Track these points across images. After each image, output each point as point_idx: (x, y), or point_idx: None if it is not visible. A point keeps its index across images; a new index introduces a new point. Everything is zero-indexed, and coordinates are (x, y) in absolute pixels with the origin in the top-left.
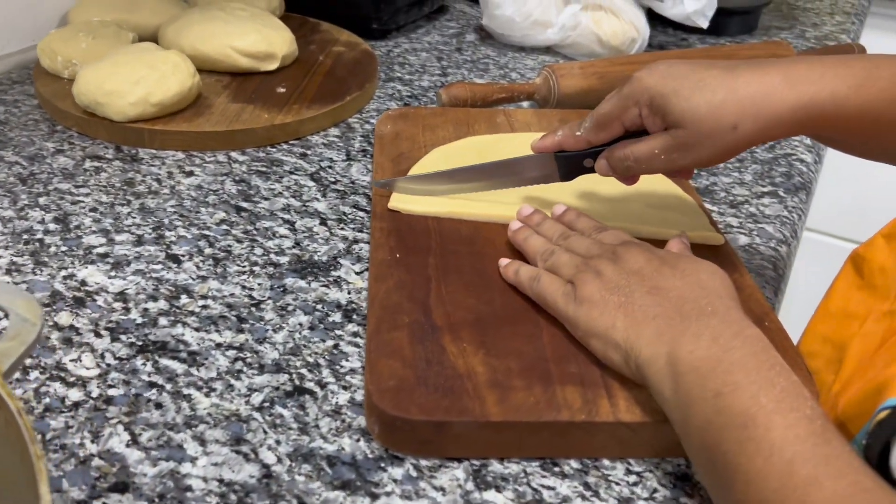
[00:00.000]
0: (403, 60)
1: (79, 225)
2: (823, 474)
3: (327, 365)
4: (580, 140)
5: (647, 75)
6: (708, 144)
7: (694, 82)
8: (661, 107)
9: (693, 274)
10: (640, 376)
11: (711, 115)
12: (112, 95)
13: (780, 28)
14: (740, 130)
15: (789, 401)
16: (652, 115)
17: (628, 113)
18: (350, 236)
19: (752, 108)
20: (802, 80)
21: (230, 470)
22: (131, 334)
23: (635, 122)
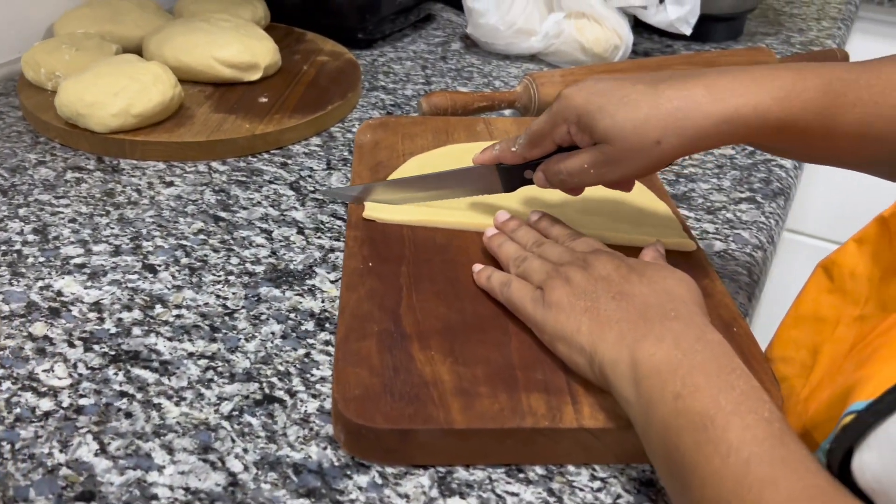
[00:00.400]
0: (388, 69)
1: (57, 236)
2: (780, 475)
3: (298, 373)
4: (516, 156)
5: (574, 93)
6: (634, 159)
7: (618, 99)
8: (587, 124)
9: (660, 281)
10: (603, 380)
11: (635, 132)
12: (93, 107)
13: (765, 34)
14: (664, 145)
15: (748, 403)
16: (580, 132)
17: (558, 130)
18: (327, 245)
19: (674, 124)
20: (726, 93)
21: (196, 478)
22: (104, 344)
23: (565, 138)
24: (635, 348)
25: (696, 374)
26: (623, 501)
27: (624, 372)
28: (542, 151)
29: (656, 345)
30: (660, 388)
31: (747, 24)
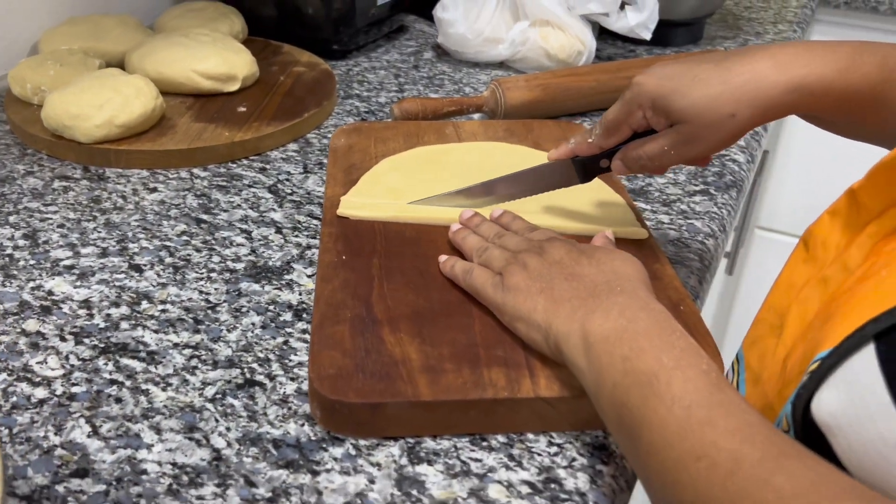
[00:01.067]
0: (362, 78)
1: (47, 240)
2: (716, 415)
3: (277, 359)
4: (592, 147)
5: (645, 80)
6: (711, 134)
7: (690, 79)
8: (663, 107)
9: (607, 262)
10: (558, 353)
11: (710, 108)
12: (78, 119)
13: (724, 37)
14: (738, 117)
15: (687, 359)
16: (656, 116)
17: (634, 117)
18: (304, 243)
19: (746, 96)
20: (791, 64)
21: (183, 454)
22: (94, 338)
23: (641, 124)
24: (586, 321)
25: (641, 339)
26: (577, 464)
27: (576, 343)
28: (619, 139)
29: (604, 316)
30: (609, 354)
31: (707, 28)
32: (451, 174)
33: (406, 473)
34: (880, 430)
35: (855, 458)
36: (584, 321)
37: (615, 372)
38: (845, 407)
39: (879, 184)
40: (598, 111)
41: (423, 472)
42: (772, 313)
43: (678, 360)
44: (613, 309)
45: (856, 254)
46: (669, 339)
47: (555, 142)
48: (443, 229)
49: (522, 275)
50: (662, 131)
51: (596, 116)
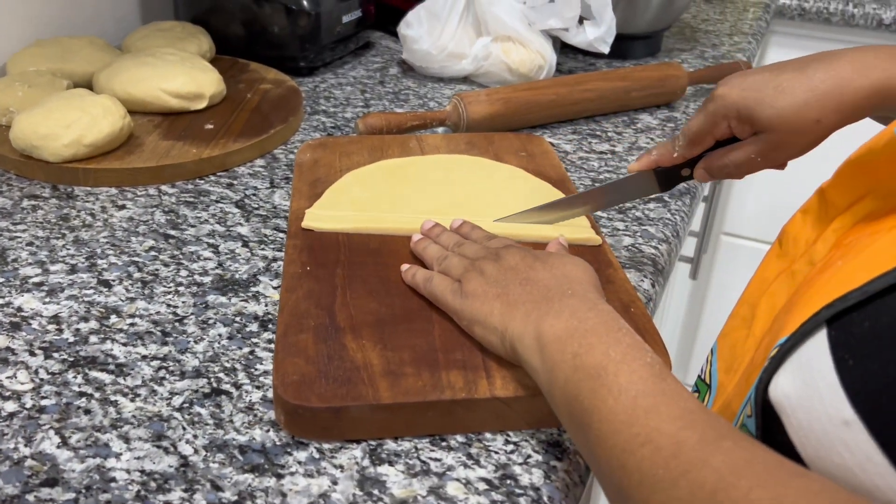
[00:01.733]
0: (329, 94)
1: (16, 258)
2: (660, 403)
3: (243, 369)
4: (677, 158)
5: (728, 91)
6: (797, 141)
7: (773, 88)
8: (748, 117)
9: (559, 267)
10: (514, 354)
11: (797, 116)
12: (47, 139)
13: (681, 50)
14: (824, 122)
15: (633, 353)
16: (741, 125)
17: (718, 127)
18: (270, 255)
19: (832, 102)
20: (870, 68)
21: (151, 462)
22: (63, 352)
23: (725, 133)
24: (539, 323)
25: (590, 336)
26: (533, 460)
27: (531, 344)
28: (702, 149)
29: (556, 318)
30: (560, 352)
31: (664, 40)
32: (414, 186)
33: (368, 474)
34: (827, 408)
35: (804, 436)
36: (538, 323)
37: (566, 368)
38: (798, 388)
39: (845, 181)
40: (556, 123)
41: (385, 472)
42: (745, 307)
43: (624, 354)
44: (565, 311)
45: (821, 248)
46: (616, 336)
47: (514, 153)
48: (404, 239)
49: (479, 281)
50: (747, 140)
51: (556, 128)
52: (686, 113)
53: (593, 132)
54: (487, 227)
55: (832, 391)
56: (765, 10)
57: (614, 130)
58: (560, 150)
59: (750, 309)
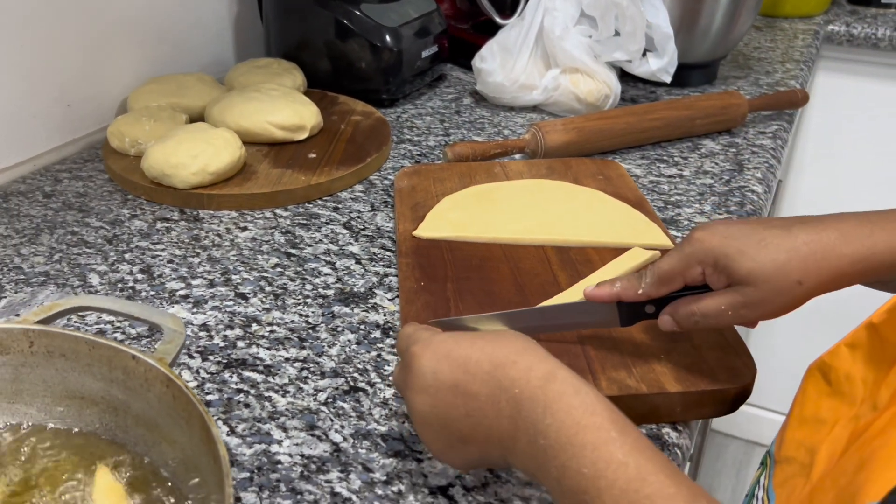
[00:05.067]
0: (412, 124)
1: (160, 274)
2: None
3: (374, 370)
4: (641, 296)
5: (708, 236)
6: (775, 300)
7: (756, 242)
8: (726, 266)
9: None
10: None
11: (778, 274)
12: (177, 168)
13: (736, 77)
14: (805, 285)
15: (604, 460)
16: (716, 274)
17: (692, 271)
18: (381, 272)
19: (814, 265)
20: (856, 236)
21: (308, 448)
22: (217, 355)
23: (697, 279)
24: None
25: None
26: None
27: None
28: (670, 290)
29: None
30: (545, 476)
31: (720, 68)
32: (504, 208)
33: None
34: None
35: None
36: (508, 459)
37: (558, 494)
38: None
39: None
40: (627, 149)
41: None
42: (801, 451)
43: (595, 463)
44: (521, 439)
45: (885, 393)
46: (581, 440)
47: (592, 177)
48: (502, 258)
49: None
50: (721, 290)
51: (625, 153)
52: (746, 138)
53: (661, 157)
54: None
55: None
56: (814, 37)
57: (680, 155)
58: (631, 174)
59: (808, 455)
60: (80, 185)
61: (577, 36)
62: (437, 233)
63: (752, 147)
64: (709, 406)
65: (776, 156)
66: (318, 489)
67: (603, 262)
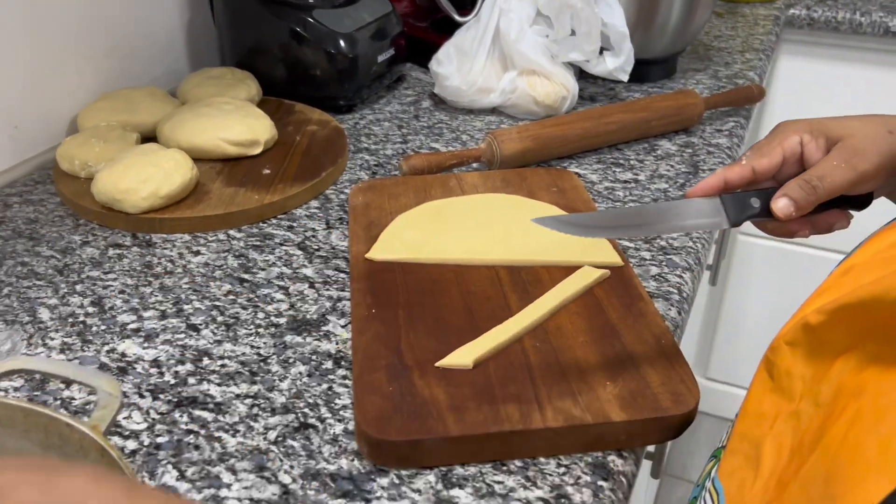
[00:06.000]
0: (369, 131)
1: (112, 306)
2: None
3: (324, 404)
4: (745, 168)
5: (790, 120)
6: (876, 147)
7: (832, 117)
8: (822, 129)
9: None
10: None
11: (869, 124)
12: (127, 192)
13: (696, 70)
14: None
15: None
16: (814, 139)
17: (788, 141)
18: (335, 295)
19: (890, 120)
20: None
21: (257, 491)
22: (168, 393)
23: (794, 149)
24: None
25: None
26: (582, 480)
27: None
28: (770, 162)
29: None
30: None
31: (680, 62)
32: (459, 227)
33: (442, 497)
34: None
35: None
36: None
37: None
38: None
39: (843, 323)
40: (584, 153)
41: (456, 494)
42: (746, 444)
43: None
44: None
45: (826, 390)
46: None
47: (546, 189)
48: (454, 279)
49: None
50: (825, 156)
51: (583, 159)
52: (703, 137)
53: (616, 161)
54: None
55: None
56: (775, 23)
57: (636, 158)
58: (587, 181)
59: (753, 448)
60: (31, 209)
61: (533, 37)
62: (390, 255)
63: (709, 147)
64: (654, 433)
65: (731, 155)
66: None
67: (553, 282)
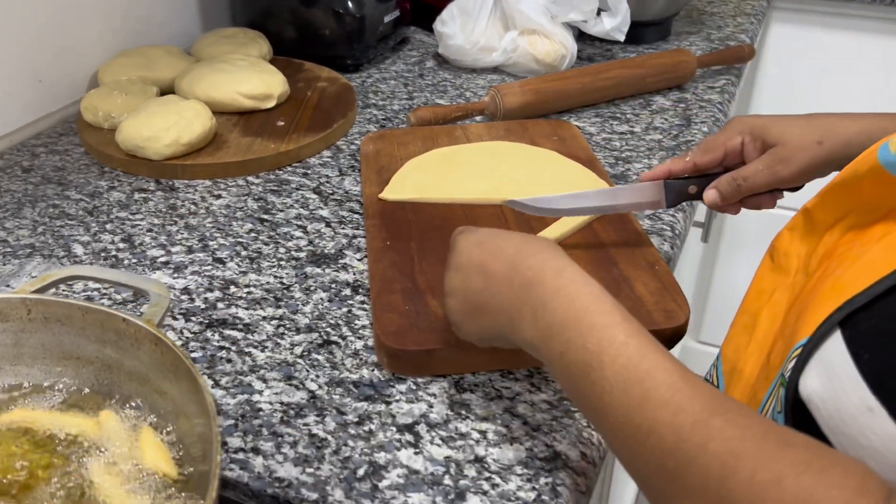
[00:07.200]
0: (376, 89)
1: (141, 242)
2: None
3: (345, 324)
4: (688, 163)
5: (746, 117)
6: (800, 157)
7: (781, 117)
8: (760, 134)
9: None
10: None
11: (801, 133)
12: (150, 140)
13: (689, 33)
14: (824, 145)
15: (608, 337)
16: (753, 141)
17: (732, 141)
18: (350, 233)
19: (830, 130)
20: (861, 117)
21: (287, 396)
22: (199, 316)
23: (736, 148)
24: (514, 333)
25: (564, 331)
26: None
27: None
28: (712, 158)
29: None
30: (549, 352)
31: (674, 25)
32: (465, 170)
33: (455, 399)
34: (852, 398)
35: (834, 426)
36: (513, 333)
37: (559, 366)
38: (824, 384)
39: (830, 201)
40: (582, 108)
41: (468, 398)
42: (746, 316)
43: (600, 341)
44: (526, 313)
45: (814, 261)
46: (588, 321)
47: (547, 138)
48: (462, 216)
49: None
50: (757, 158)
51: (581, 113)
52: (695, 94)
53: (613, 115)
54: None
55: (854, 383)
56: None
57: (632, 112)
58: (585, 133)
59: (751, 318)
60: (58, 158)
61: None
62: (401, 195)
63: (701, 102)
64: None
65: (723, 109)
66: (296, 431)
67: (554, 218)
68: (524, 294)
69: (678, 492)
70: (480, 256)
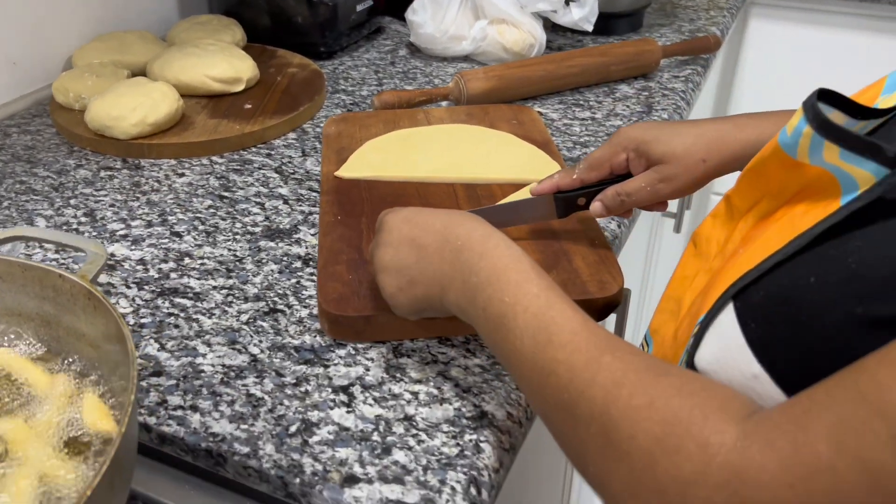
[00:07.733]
0: (347, 75)
1: (103, 217)
2: (553, 333)
3: (293, 294)
4: (575, 180)
5: (631, 129)
6: (684, 175)
7: (670, 131)
8: (645, 151)
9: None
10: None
11: (686, 153)
12: (117, 119)
13: (661, 25)
14: (708, 163)
15: (522, 291)
16: (637, 158)
17: (617, 157)
18: (306, 210)
19: (715, 147)
20: (748, 126)
21: (229, 359)
22: (152, 285)
23: (622, 164)
24: (444, 299)
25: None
26: None
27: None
28: (599, 175)
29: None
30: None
31: (646, 17)
32: (421, 151)
33: (392, 363)
34: (740, 366)
35: None
36: (445, 300)
37: (483, 322)
38: (716, 353)
39: (744, 187)
40: (545, 95)
41: (404, 362)
42: (670, 302)
43: (515, 295)
44: (456, 279)
45: (730, 247)
46: (506, 278)
47: (506, 122)
48: (415, 194)
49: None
50: (641, 174)
51: (545, 99)
52: (660, 83)
53: (577, 102)
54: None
55: (742, 351)
56: None
57: (595, 100)
58: (547, 119)
59: (675, 304)
60: (29, 138)
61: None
62: (357, 173)
63: (664, 90)
64: None
65: (685, 98)
66: (235, 391)
67: (505, 195)
68: (455, 260)
69: (572, 423)
70: (411, 232)
